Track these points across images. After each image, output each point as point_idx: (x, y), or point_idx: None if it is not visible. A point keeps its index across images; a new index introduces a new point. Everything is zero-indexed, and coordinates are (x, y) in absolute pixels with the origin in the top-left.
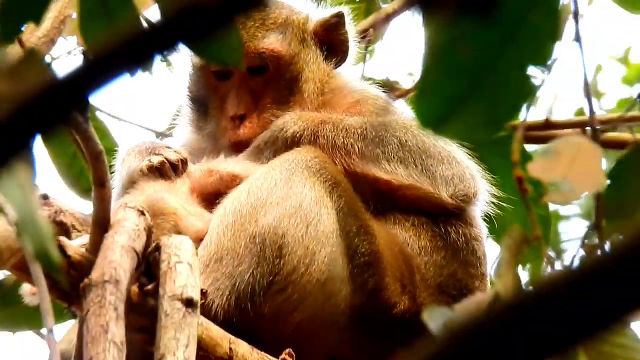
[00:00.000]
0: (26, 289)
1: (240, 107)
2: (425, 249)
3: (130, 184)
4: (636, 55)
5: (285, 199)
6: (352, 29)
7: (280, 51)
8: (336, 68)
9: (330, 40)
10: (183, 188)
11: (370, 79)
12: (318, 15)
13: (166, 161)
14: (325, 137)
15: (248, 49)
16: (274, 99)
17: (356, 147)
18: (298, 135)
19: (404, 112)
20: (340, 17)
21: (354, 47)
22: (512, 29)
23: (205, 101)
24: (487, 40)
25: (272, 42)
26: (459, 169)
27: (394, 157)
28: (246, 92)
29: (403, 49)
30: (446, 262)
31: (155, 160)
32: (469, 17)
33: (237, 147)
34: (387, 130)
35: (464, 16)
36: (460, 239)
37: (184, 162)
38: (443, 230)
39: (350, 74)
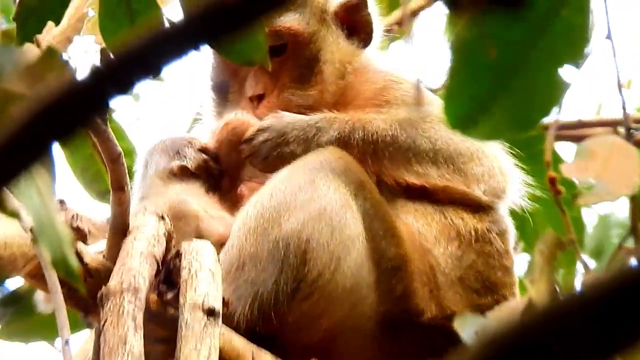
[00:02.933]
0: (40, 295)
1: (258, 86)
2: (438, 239)
3: (156, 186)
4: None
5: (309, 202)
6: (375, 10)
7: (298, 29)
8: (362, 47)
9: (352, 22)
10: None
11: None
12: None
13: (197, 162)
14: (357, 144)
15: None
16: (293, 78)
17: (386, 152)
18: (330, 142)
19: (431, 97)
20: None
21: (378, 28)
22: (542, 25)
23: (226, 87)
24: (516, 37)
25: (290, 21)
26: (488, 165)
27: (424, 158)
28: (264, 72)
29: (429, 46)
30: (462, 252)
31: (186, 161)
32: (498, 13)
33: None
34: (416, 129)
35: (492, 12)
36: (472, 230)
37: (207, 162)
38: (451, 220)
39: (376, 53)
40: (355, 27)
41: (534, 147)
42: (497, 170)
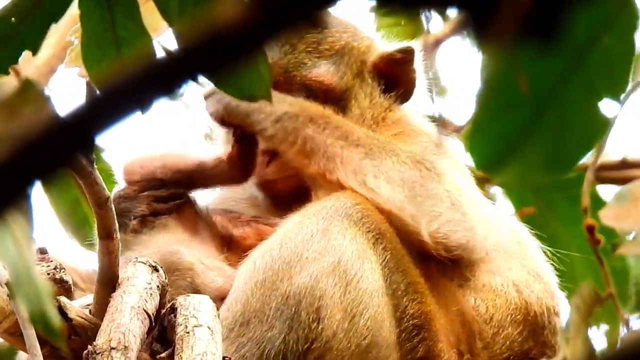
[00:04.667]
0: (22, 357)
1: None
2: (500, 320)
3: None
4: None
5: (323, 253)
6: (420, 65)
7: (330, 84)
8: (399, 103)
9: (393, 74)
10: (204, 240)
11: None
12: (383, 45)
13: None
14: (313, 132)
15: (294, 77)
16: None
17: (344, 152)
18: (285, 117)
19: (454, 156)
20: (408, 53)
21: (422, 85)
22: (579, 55)
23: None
24: (552, 68)
25: (322, 73)
26: (456, 214)
27: (382, 175)
28: None
29: (454, 78)
30: (521, 338)
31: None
32: (531, 42)
33: (264, 187)
34: (392, 151)
35: (525, 41)
36: (544, 315)
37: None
38: (524, 302)
39: (413, 110)
40: (396, 80)
41: (570, 191)
42: (464, 223)
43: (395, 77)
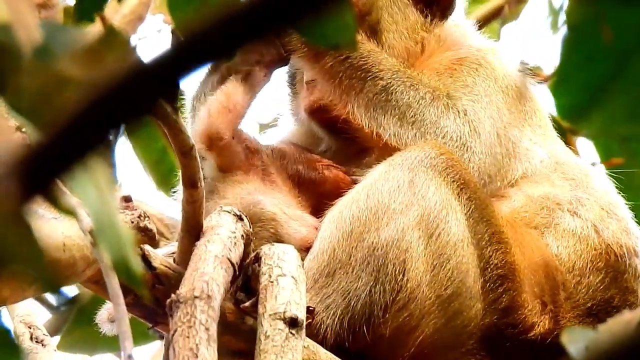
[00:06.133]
0: (102, 315)
1: None
2: (581, 268)
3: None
4: None
5: (409, 205)
6: None
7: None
8: (440, 19)
9: None
10: (279, 186)
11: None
12: None
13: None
14: (334, 61)
15: None
16: None
17: (361, 84)
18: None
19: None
20: None
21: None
22: None
23: (294, 77)
24: (636, 18)
25: None
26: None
27: (393, 110)
28: None
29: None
30: (603, 286)
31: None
32: None
33: (314, 115)
34: (412, 86)
35: None
36: (624, 257)
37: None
38: (605, 246)
39: (458, 25)
40: None
41: None
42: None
43: None
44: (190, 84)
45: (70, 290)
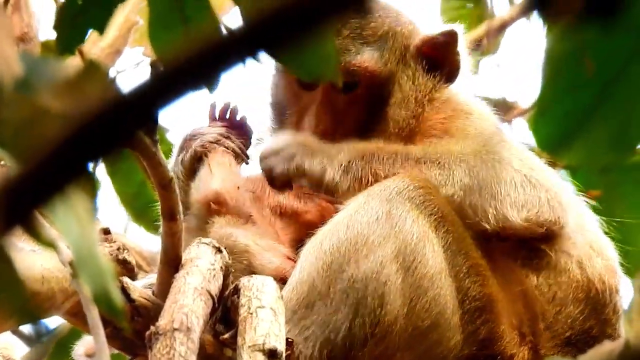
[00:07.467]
0: (79, 350)
1: (318, 127)
2: (562, 298)
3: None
4: None
5: (387, 238)
6: (464, 47)
7: (375, 70)
8: (444, 83)
9: (436, 56)
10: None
11: (484, 98)
12: (426, 29)
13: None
14: (377, 165)
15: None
16: (358, 121)
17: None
18: (351, 165)
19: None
20: (450, 36)
21: (466, 66)
22: None
23: (284, 109)
24: (616, 48)
25: (367, 59)
26: (535, 193)
27: (448, 180)
28: (328, 110)
29: (520, 61)
30: (582, 316)
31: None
32: (594, 22)
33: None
34: (451, 155)
35: (589, 21)
36: (606, 292)
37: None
38: (586, 280)
39: (460, 89)
40: (440, 62)
41: (637, 174)
42: (545, 199)
43: (439, 60)
44: (169, 116)
45: (51, 323)
